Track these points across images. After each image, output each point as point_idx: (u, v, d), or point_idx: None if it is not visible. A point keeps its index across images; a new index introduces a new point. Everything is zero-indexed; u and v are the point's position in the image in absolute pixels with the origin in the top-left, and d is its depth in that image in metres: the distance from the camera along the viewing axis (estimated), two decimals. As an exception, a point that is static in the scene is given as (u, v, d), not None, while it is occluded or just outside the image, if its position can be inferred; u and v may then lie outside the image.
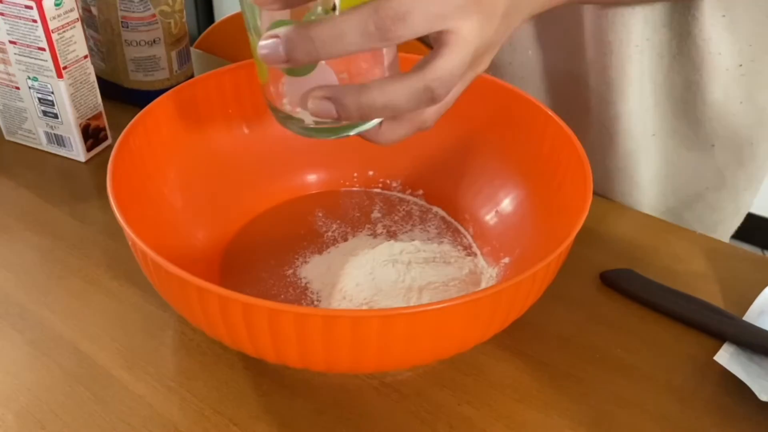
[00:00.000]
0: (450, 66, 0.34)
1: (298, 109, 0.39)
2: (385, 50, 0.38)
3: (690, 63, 0.58)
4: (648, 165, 0.63)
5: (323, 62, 0.36)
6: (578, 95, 0.63)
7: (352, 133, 0.39)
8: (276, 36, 0.33)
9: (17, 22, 0.57)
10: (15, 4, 0.56)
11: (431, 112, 0.39)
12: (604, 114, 0.61)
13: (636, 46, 0.56)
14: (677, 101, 0.60)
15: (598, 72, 0.59)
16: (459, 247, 0.53)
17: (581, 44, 0.60)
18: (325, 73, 0.36)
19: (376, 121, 0.38)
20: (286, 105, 0.40)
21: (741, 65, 0.57)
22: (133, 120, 0.47)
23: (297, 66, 0.34)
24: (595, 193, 0.43)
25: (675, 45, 0.57)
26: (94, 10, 0.67)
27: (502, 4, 0.36)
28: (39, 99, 0.61)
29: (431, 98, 0.35)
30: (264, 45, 0.33)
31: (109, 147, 0.65)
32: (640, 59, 0.57)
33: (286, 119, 0.40)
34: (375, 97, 0.34)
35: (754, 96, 0.59)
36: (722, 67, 0.57)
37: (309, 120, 0.38)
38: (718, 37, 0.55)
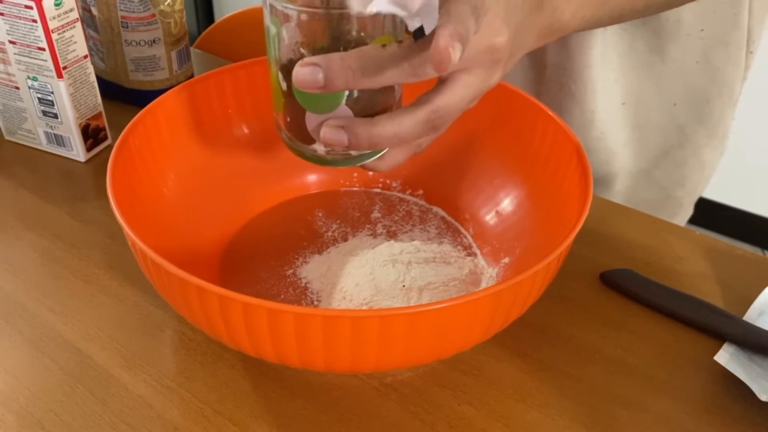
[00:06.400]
0: (453, 101, 0.38)
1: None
2: (396, 88, 0.41)
3: (652, 31, 0.61)
4: (620, 131, 0.68)
5: (344, 103, 0.39)
6: (550, 76, 0.66)
7: (358, 163, 0.42)
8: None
9: (17, 22, 0.57)
10: (15, 4, 0.56)
11: (426, 138, 0.43)
12: (580, 92, 0.65)
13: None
14: (642, 67, 0.64)
15: (561, 50, 0.63)
16: (459, 247, 0.53)
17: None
18: (343, 111, 0.39)
19: (379, 153, 0.42)
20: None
21: (702, 30, 0.61)
22: (132, 120, 0.47)
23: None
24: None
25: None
26: (93, 10, 0.67)
27: (508, 49, 0.39)
28: (39, 99, 0.61)
29: (433, 128, 0.38)
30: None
31: (109, 147, 0.65)
32: (602, 35, 0.61)
33: (299, 146, 0.42)
34: (386, 128, 0.37)
35: (709, 57, 0.63)
36: (683, 32, 0.61)
37: (321, 150, 0.41)
38: (681, 6, 0.58)
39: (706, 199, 1.74)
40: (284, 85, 0.39)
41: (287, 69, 0.38)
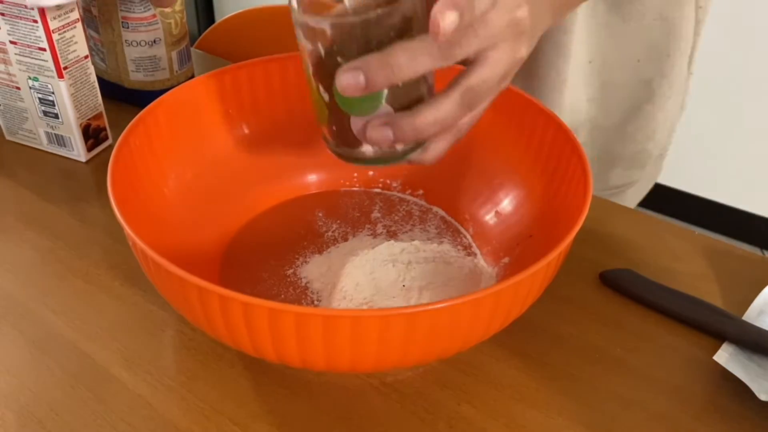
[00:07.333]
0: (484, 77, 0.39)
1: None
2: (428, 80, 0.42)
3: None
4: (588, 87, 0.71)
5: (384, 102, 0.40)
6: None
7: (405, 158, 0.43)
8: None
9: (18, 23, 0.57)
10: (15, 4, 0.56)
11: (465, 122, 0.43)
12: (552, 52, 0.68)
13: None
14: (604, 26, 0.67)
15: None
16: (459, 247, 0.53)
17: None
18: (385, 110, 0.41)
19: (421, 145, 0.43)
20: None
21: None
22: (133, 120, 0.48)
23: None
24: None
25: None
26: (94, 10, 0.67)
27: (529, 21, 0.40)
28: (39, 99, 0.61)
29: (469, 107, 0.39)
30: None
31: (110, 147, 0.65)
32: None
33: (347, 152, 0.44)
34: (426, 116, 0.39)
35: (666, 12, 0.67)
36: None
37: (369, 151, 0.43)
38: None
39: (705, 199, 1.74)
40: (326, 97, 0.41)
41: (327, 81, 0.40)
